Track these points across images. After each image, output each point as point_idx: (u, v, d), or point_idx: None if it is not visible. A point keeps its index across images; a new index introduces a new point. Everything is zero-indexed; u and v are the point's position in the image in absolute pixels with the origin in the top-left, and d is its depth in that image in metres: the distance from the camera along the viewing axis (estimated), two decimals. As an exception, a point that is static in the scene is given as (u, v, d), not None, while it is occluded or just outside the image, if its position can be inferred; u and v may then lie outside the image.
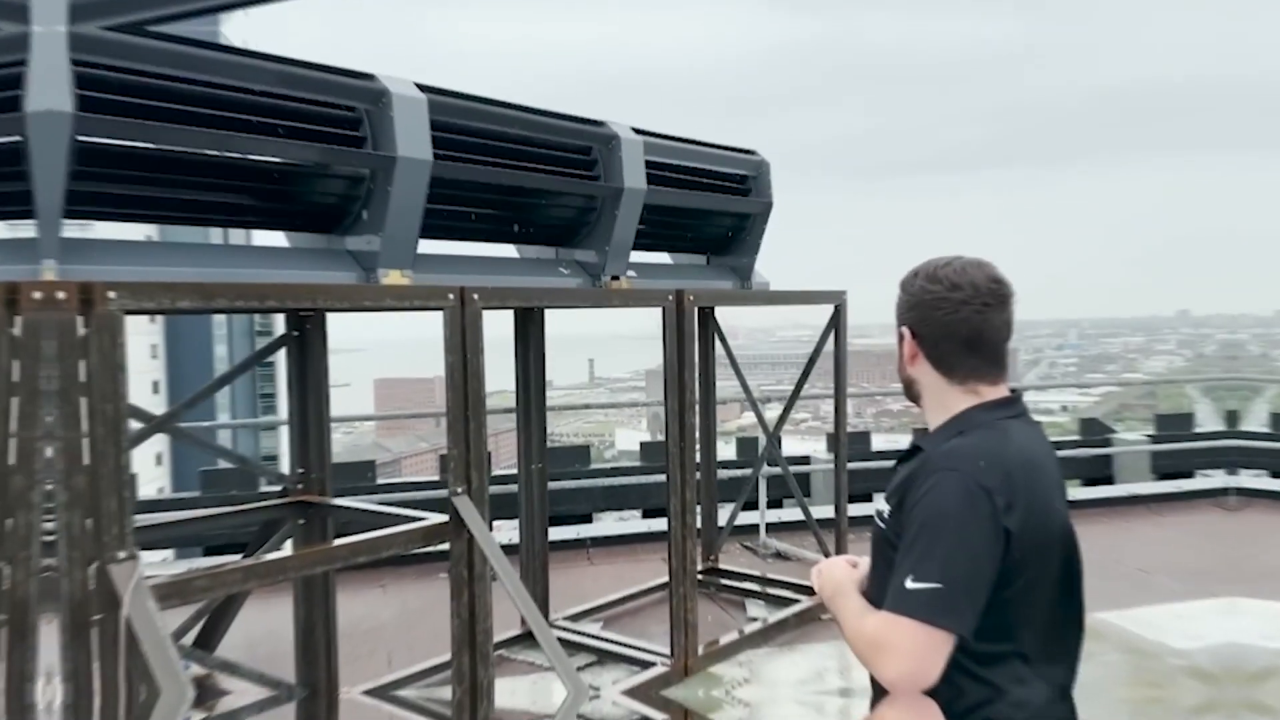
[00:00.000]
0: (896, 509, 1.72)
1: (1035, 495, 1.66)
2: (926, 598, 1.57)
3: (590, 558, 6.71)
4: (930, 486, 1.64)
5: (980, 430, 1.72)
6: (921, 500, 1.64)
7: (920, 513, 1.63)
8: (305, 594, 4.07)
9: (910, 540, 1.63)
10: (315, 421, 3.99)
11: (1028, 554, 1.64)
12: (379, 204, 3.52)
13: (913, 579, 1.59)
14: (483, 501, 3.51)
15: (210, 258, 3.37)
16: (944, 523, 1.60)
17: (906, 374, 1.87)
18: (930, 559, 1.59)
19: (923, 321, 1.79)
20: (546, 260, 4.57)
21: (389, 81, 3.54)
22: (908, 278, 1.83)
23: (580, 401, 49.18)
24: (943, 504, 1.61)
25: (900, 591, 1.60)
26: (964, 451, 1.67)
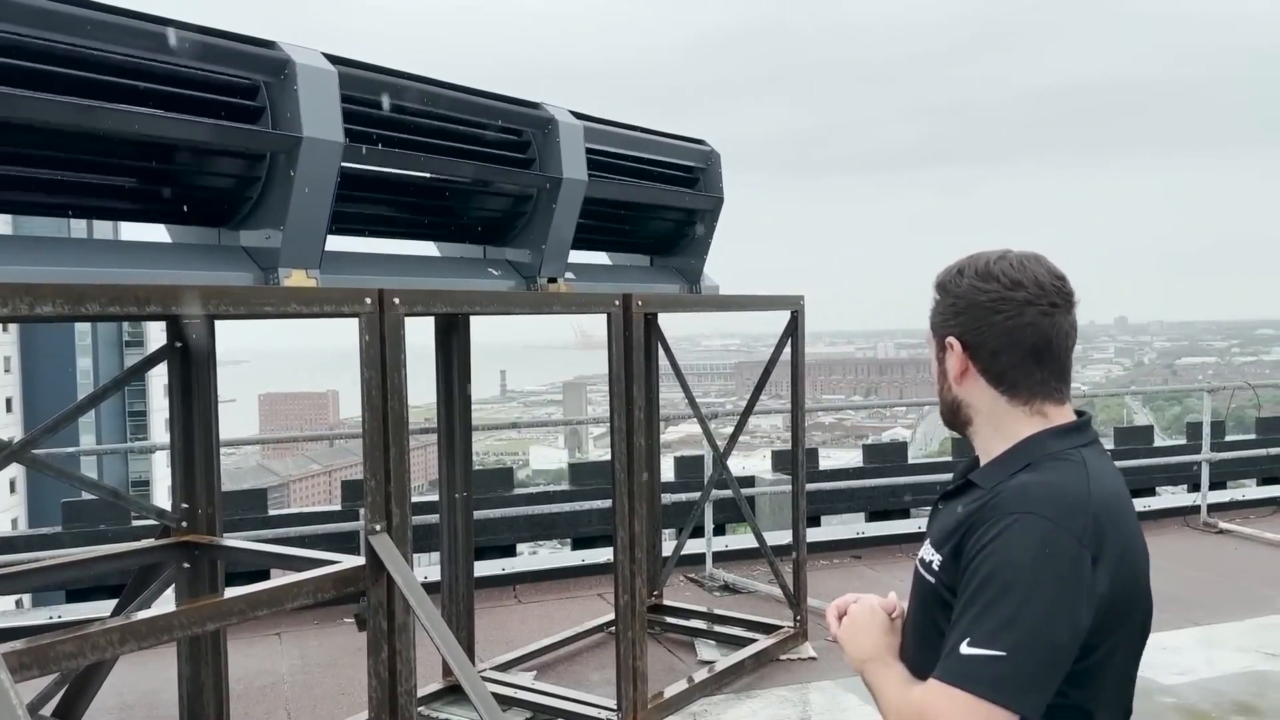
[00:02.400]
0: (952, 557, 1.51)
1: (1125, 543, 1.48)
2: (986, 668, 1.36)
3: (517, 595, 6.46)
4: (1000, 532, 1.42)
5: (1054, 463, 1.52)
6: (988, 548, 1.42)
7: (985, 563, 1.42)
8: (191, 649, 3.76)
9: (970, 596, 1.42)
10: (202, 448, 3.68)
11: (1114, 616, 1.45)
12: (280, 193, 3.26)
13: (969, 643, 1.38)
14: (405, 540, 3.25)
15: (74, 255, 3.07)
16: (1014, 575, 1.39)
17: (952, 396, 1.64)
18: (993, 619, 1.37)
19: (976, 329, 1.56)
20: (473, 260, 4.33)
21: (293, 50, 3.28)
22: (949, 276, 1.61)
23: (493, 418, 48.68)
24: (1015, 553, 1.40)
25: (954, 658, 1.39)
26: (1041, 490, 1.46)
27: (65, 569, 3.56)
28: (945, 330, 1.61)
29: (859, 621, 1.69)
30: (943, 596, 1.51)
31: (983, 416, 1.61)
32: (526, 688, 4.71)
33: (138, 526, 6.78)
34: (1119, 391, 39.87)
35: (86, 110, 2.78)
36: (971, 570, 1.44)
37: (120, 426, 47.81)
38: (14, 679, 2.28)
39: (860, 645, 1.66)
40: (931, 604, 1.55)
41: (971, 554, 1.45)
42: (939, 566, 1.54)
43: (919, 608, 1.61)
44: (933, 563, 1.55)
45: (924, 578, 1.58)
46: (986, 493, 1.52)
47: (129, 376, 3.91)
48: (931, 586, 1.55)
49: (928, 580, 1.56)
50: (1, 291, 2.33)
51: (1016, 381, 1.57)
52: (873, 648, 1.64)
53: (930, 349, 1.68)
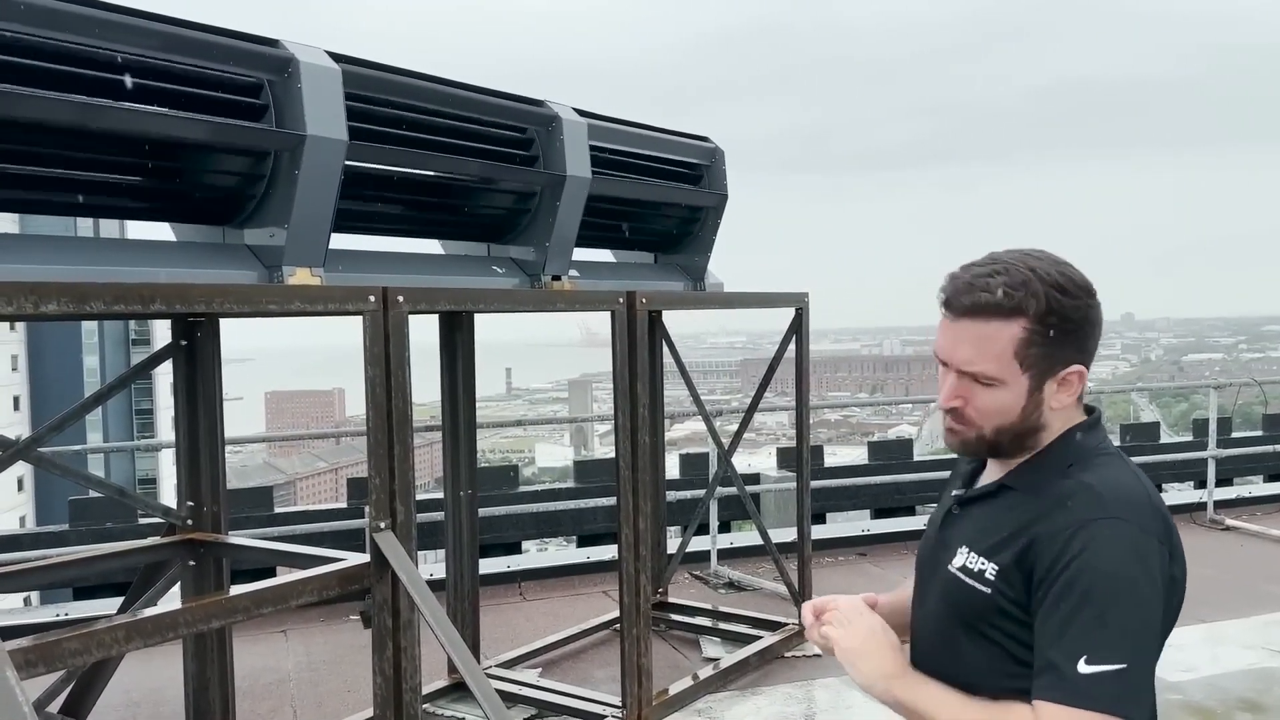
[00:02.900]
0: (1014, 566, 1.45)
1: (1177, 535, 1.49)
2: (1112, 684, 1.33)
3: (523, 593, 6.46)
4: (1088, 541, 1.39)
5: (1101, 460, 1.50)
6: (1080, 559, 1.38)
7: (1082, 575, 1.38)
8: (197, 647, 3.76)
9: (1071, 611, 1.37)
10: (207, 446, 3.69)
11: (1174, 612, 1.47)
12: (284, 191, 3.25)
13: (1087, 660, 1.34)
14: (409, 538, 3.26)
15: (80, 253, 3.08)
16: (1117, 586, 1.37)
17: (1042, 421, 1.52)
18: (1108, 633, 1.35)
19: (1090, 347, 1.51)
20: (477, 258, 4.33)
21: (296, 49, 3.29)
22: (1055, 300, 1.44)
23: (498, 415, 48.78)
24: (1111, 563, 1.37)
25: (1072, 677, 1.35)
26: (1113, 493, 1.44)
27: (71, 567, 3.57)
28: (1064, 360, 1.48)
29: (865, 636, 1.59)
30: (1001, 606, 1.47)
31: (1049, 431, 1.54)
32: (531, 685, 4.71)
33: (144, 525, 6.79)
34: (1125, 388, 39.79)
35: (91, 109, 2.78)
36: (1063, 583, 1.39)
37: (127, 424, 47.90)
38: (20, 676, 2.29)
39: (877, 663, 1.57)
40: (982, 613, 1.49)
41: (1058, 565, 1.40)
42: (995, 575, 1.48)
43: (949, 615, 1.56)
44: (984, 571, 1.49)
45: (970, 586, 1.51)
46: (1034, 496, 1.49)
47: (133, 375, 3.91)
48: (985, 596, 1.49)
49: (978, 590, 1.50)
50: (6, 290, 2.34)
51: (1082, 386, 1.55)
52: (894, 664, 1.56)
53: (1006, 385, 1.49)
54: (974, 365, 1.49)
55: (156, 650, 4.79)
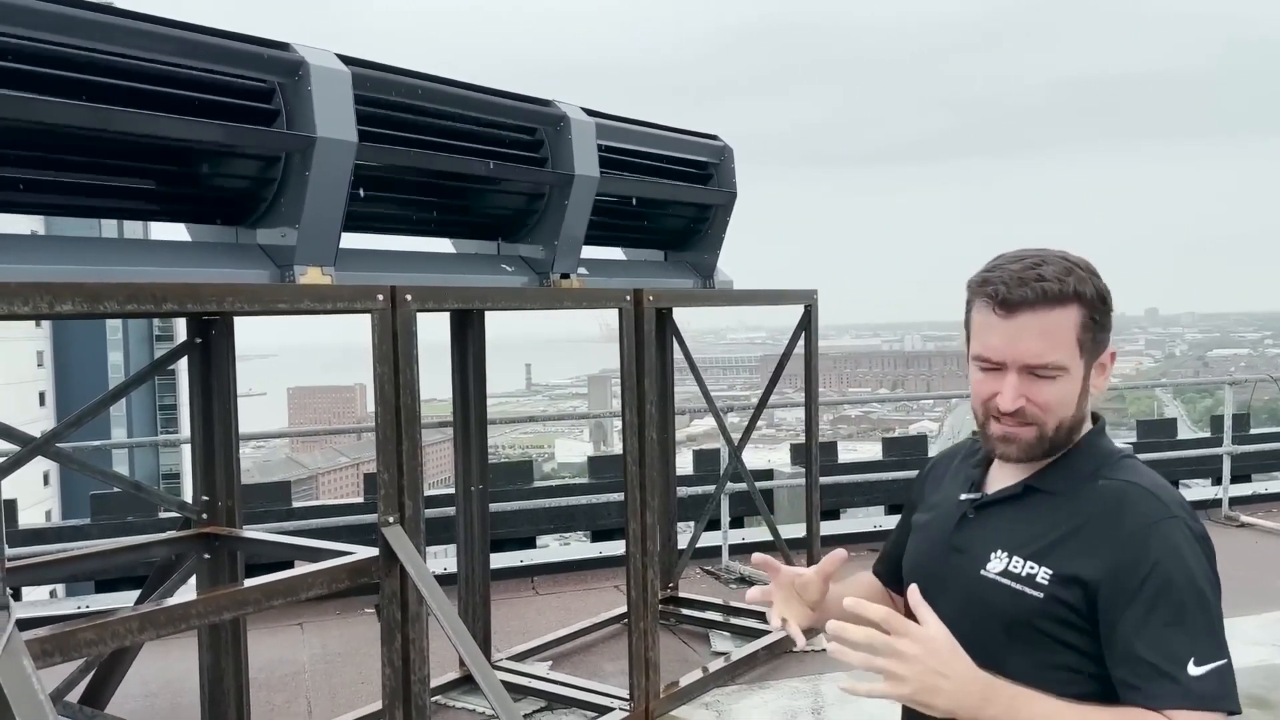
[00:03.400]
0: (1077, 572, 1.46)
1: None
2: (1221, 680, 1.38)
3: (535, 587, 6.53)
4: (1164, 543, 1.44)
5: (1126, 461, 1.55)
6: (1162, 562, 1.42)
7: (1171, 580, 1.41)
8: (212, 639, 3.84)
9: (1170, 614, 1.40)
10: (222, 441, 3.76)
11: None
12: (295, 192, 3.32)
13: (1195, 662, 1.38)
14: (417, 531, 3.32)
15: (99, 254, 3.15)
16: (1198, 583, 1.42)
17: (1085, 413, 1.57)
18: (1206, 632, 1.41)
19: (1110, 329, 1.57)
20: (487, 256, 4.39)
21: (306, 52, 3.35)
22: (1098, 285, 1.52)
23: (517, 411, 48.90)
24: (1191, 563, 1.43)
25: (1188, 682, 1.37)
26: (1164, 491, 1.50)
27: (90, 559, 3.66)
28: (1102, 344, 1.54)
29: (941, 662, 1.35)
30: (1056, 612, 1.47)
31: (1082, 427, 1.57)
32: (541, 677, 4.78)
33: (164, 519, 6.89)
34: (1148, 384, 39.40)
35: (108, 114, 2.86)
36: (1152, 588, 1.41)
37: (151, 420, 48.35)
38: (37, 665, 2.36)
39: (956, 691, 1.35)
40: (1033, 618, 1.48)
41: (1139, 569, 1.42)
42: (1049, 580, 1.47)
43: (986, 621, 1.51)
44: (1035, 575, 1.48)
45: (1019, 591, 1.49)
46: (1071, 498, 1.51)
47: (149, 373, 4.00)
48: (1037, 600, 1.47)
49: (1027, 594, 1.48)
50: (23, 290, 2.41)
51: None
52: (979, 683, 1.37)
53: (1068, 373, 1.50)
54: (1044, 357, 1.47)
55: (174, 643, 4.90)
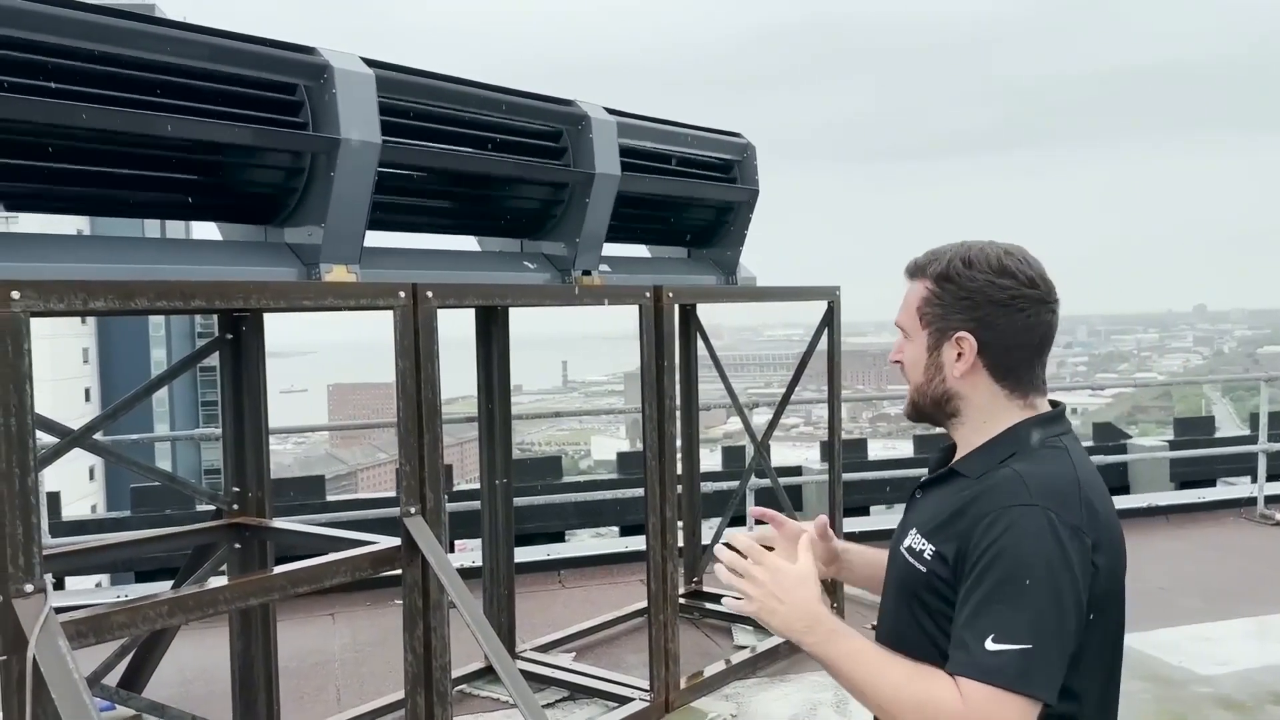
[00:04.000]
0: (947, 550, 1.56)
1: (1110, 527, 1.57)
2: (1016, 661, 1.42)
3: (562, 580, 6.63)
4: (1007, 526, 1.48)
5: (1041, 453, 1.59)
6: (997, 543, 1.48)
7: (996, 558, 1.47)
8: (242, 626, 3.97)
9: (987, 593, 1.46)
10: (252, 434, 3.89)
11: (1104, 597, 1.54)
12: (321, 191, 3.43)
13: (995, 639, 1.43)
14: (439, 523, 3.42)
15: (138, 253, 3.28)
16: (1030, 570, 1.45)
17: (945, 389, 1.66)
18: (1016, 615, 1.44)
19: (992, 324, 1.60)
20: (510, 254, 4.48)
21: (332, 55, 3.45)
22: (952, 268, 1.62)
23: (553, 407, 49.10)
24: (1024, 547, 1.46)
25: (980, 655, 1.44)
26: (1037, 481, 1.52)
27: (125, 548, 3.80)
28: (952, 324, 1.62)
29: (794, 578, 1.59)
30: (934, 585, 1.57)
31: (975, 409, 1.65)
32: (564, 667, 4.87)
33: (202, 511, 7.08)
34: (1194, 380, 38.82)
35: (144, 117, 2.98)
36: (981, 565, 1.48)
37: (193, 414, 49.16)
38: (72, 646, 2.49)
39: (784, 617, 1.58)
40: (919, 590, 1.60)
41: (978, 548, 1.50)
42: (931, 556, 1.58)
43: (898, 591, 1.67)
44: (924, 552, 1.59)
45: (911, 565, 1.62)
46: (975, 482, 1.58)
47: (181, 368, 4.14)
48: (922, 575, 1.59)
49: (916, 568, 1.60)
50: (58, 288, 2.54)
51: (1020, 376, 1.63)
52: (806, 618, 1.57)
53: (912, 339, 1.69)
54: (898, 318, 1.72)
55: (209, 631, 5.05)
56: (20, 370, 2.42)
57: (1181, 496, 8.73)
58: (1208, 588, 6.21)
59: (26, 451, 2.44)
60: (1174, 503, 8.41)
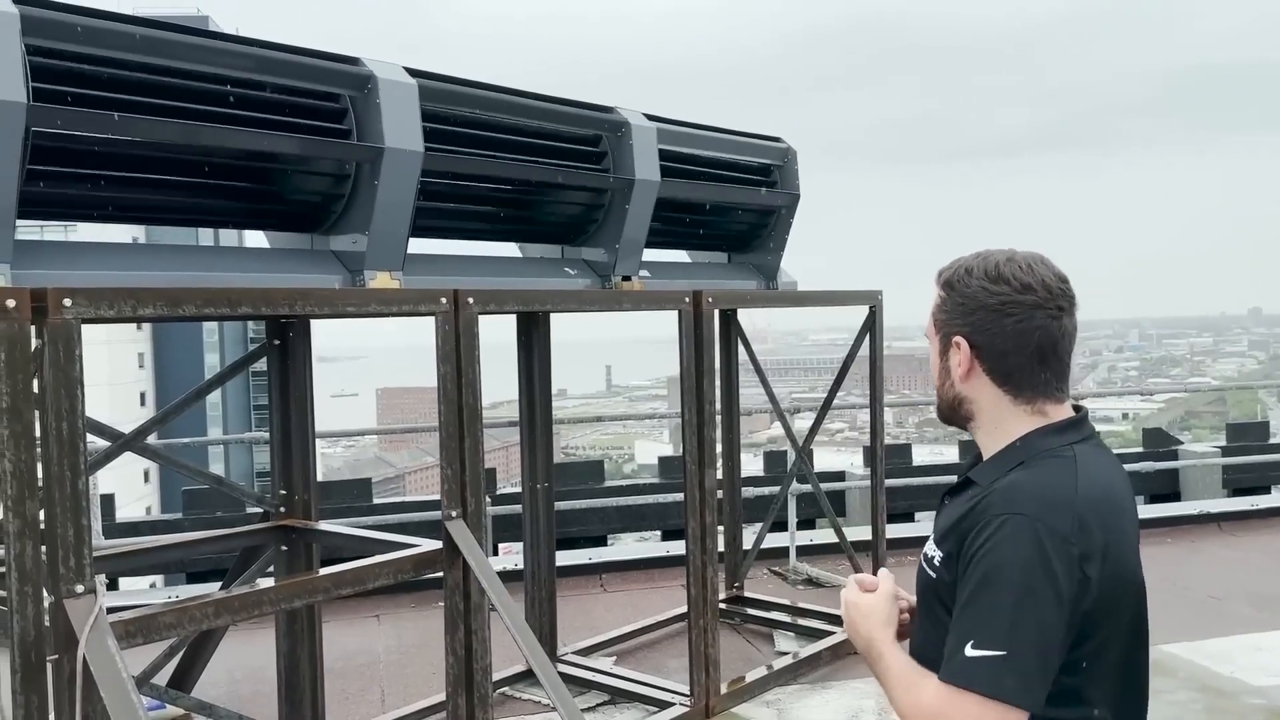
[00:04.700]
0: (951, 556, 1.58)
1: (1112, 538, 1.54)
2: (990, 668, 1.44)
3: (603, 584, 6.63)
4: (992, 534, 1.50)
5: (1047, 461, 1.58)
6: (982, 549, 1.50)
7: (980, 565, 1.49)
8: (288, 627, 4.02)
9: (968, 598, 1.49)
10: (299, 438, 3.94)
11: (1103, 607, 1.52)
12: (365, 200, 3.47)
13: (973, 645, 1.45)
14: (479, 526, 3.45)
15: (187, 260, 3.35)
16: (1007, 577, 1.46)
17: (955, 392, 1.69)
18: (994, 622, 1.46)
19: (985, 329, 1.62)
20: (551, 259, 4.51)
21: (375, 65, 3.50)
22: (956, 275, 1.66)
23: (597, 411, 49.21)
24: (1007, 555, 1.47)
25: (959, 660, 1.47)
26: (1029, 490, 1.53)
27: (175, 549, 3.86)
28: (952, 329, 1.66)
29: (864, 605, 1.72)
30: (940, 592, 1.59)
31: (985, 414, 1.68)
32: (604, 671, 4.88)
33: (251, 513, 7.20)
34: (1247, 385, 37.97)
35: (195, 129, 3.04)
36: (968, 572, 1.51)
37: (246, 418, 49.96)
38: (122, 645, 2.54)
39: (860, 627, 1.70)
40: (931, 598, 1.63)
41: (967, 556, 1.53)
42: (939, 563, 1.61)
43: (920, 599, 1.70)
44: (934, 559, 1.63)
45: (925, 572, 1.66)
46: (981, 490, 1.60)
47: (229, 373, 4.21)
48: (932, 581, 1.63)
49: (929, 575, 1.64)
50: (109, 294, 2.59)
51: (1021, 381, 1.63)
52: (868, 636, 1.68)
53: (931, 344, 1.73)
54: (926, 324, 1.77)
55: (257, 632, 5.13)
56: (71, 375, 2.47)
57: (1234, 503, 8.54)
58: (1260, 596, 6.07)
59: (77, 455, 2.49)
60: (1226, 510, 8.23)
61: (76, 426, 2.48)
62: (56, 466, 2.46)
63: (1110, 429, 54.34)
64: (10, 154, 2.62)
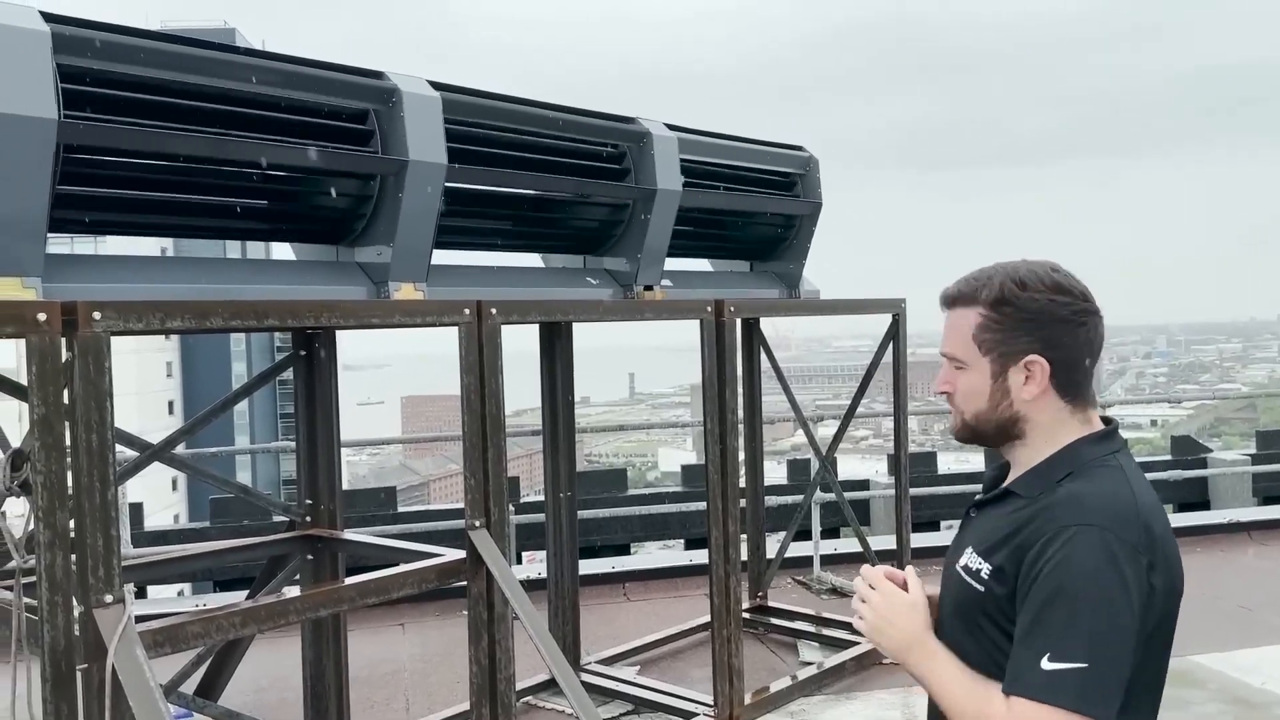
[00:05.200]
0: (1002, 570, 1.55)
1: (1169, 548, 1.55)
2: (1073, 681, 1.42)
3: (626, 593, 6.63)
4: (1062, 546, 1.48)
5: (1097, 471, 1.58)
6: (1051, 562, 1.48)
7: (1052, 578, 1.47)
8: (314, 636, 4.05)
9: (1041, 611, 1.47)
10: (324, 448, 3.97)
11: (1162, 616, 1.53)
12: (389, 212, 3.50)
13: (1050, 658, 1.43)
14: (502, 535, 3.45)
15: (214, 273, 3.38)
16: (1084, 589, 1.45)
17: (1012, 412, 1.63)
18: (1071, 634, 1.44)
19: (1059, 343, 1.58)
20: (574, 269, 4.52)
21: (399, 79, 3.53)
22: (1007, 291, 1.59)
23: (621, 419, 49.27)
24: (1081, 566, 1.46)
25: (1038, 674, 1.44)
26: (1095, 501, 1.52)
27: (202, 559, 3.90)
28: (1018, 347, 1.59)
29: (886, 605, 1.67)
30: (987, 605, 1.57)
31: (1040, 429, 1.63)
32: (628, 681, 4.88)
33: (277, 522, 7.25)
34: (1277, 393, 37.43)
35: (222, 142, 3.08)
36: (1038, 584, 1.49)
37: (272, 427, 50.35)
38: (150, 655, 2.56)
39: (890, 629, 1.66)
40: (974, 611, 1.60)
41: (1036, 568, 1.50)
42: (989, 575, 1.58)
43: (954, 610, 1.66)
44: (980, 570, 1.59)
45: (968, 584, 1.61)
46: (1031, 502, 1.58)
47: (256, 384, 4.25)
48: (976, 595, 1.59)
49: (973, 588, 1.60)
50: (137, 309, 2.62)
51: (1079, 391, 1.63)
52: (910, 634, 1.64)
53: (971, 367, 1.64)
54: (946, 348, 1.68)
55: (283, 640, 5.16)
56: (101, 388, 2.50)
57: (1265, 512, 8.43)
58: (1295, 608, 5.99)
59: (107, 466, 2.52)
60: (1257, 518, 8.13)
61: (106, 438, 2.51)
62: (86, 477, 2.48)
63: (1139, 436, 53.78)
64: (42, 169, 2.66)
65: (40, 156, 2.64)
